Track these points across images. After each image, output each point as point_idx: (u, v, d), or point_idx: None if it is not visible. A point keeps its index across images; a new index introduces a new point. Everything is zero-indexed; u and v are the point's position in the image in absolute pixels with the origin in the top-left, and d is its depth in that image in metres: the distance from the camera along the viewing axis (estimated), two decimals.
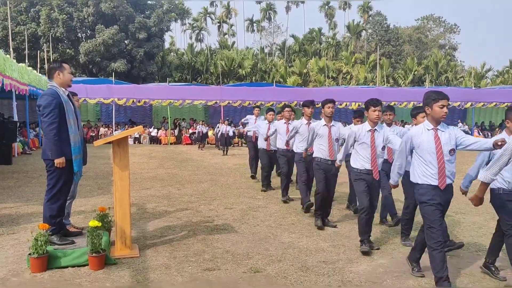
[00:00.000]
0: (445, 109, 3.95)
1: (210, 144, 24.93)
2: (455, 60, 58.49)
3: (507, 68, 52.73)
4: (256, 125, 10.65)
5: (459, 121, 30.58)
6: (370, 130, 5.20)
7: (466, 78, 48.79)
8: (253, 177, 11.08)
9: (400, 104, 26.56)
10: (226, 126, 20.27)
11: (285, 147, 8.37)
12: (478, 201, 3.84)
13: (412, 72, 48.73)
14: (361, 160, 5.20)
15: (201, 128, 23.75)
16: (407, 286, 4.06)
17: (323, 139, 6.32)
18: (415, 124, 5.37)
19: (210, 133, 25.41)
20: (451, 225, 6.22)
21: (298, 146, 7.48)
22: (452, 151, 3.99)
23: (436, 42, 61.24)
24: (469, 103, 28.08)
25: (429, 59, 51.89)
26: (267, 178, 9.53)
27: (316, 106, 7.66)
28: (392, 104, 27.81)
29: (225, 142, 19.55)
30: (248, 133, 12.45)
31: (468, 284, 4.14)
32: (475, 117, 30.75)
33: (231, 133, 20.48)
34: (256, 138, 10.68)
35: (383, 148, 5.27)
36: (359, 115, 6.98)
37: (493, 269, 4.30)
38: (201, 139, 22.93)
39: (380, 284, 4.09)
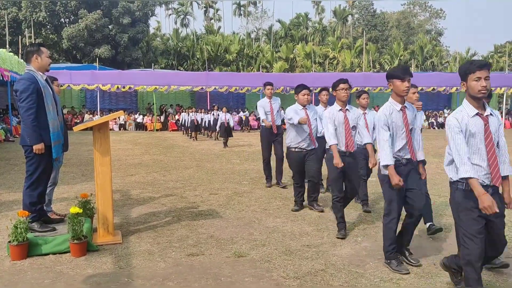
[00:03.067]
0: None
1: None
2: (441, 45, 58.77)
3: (492, 53, 53.17)
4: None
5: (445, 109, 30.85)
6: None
7: (451, 63, 49.12)
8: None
9: (387, 89, 26.66)
10: (226, 113, 17.51)
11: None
12: None
13: (398, 57, 48.87)
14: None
15: (194, 116, 20.78)
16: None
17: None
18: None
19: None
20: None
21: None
22: None
23: (423, 27, 61.39)
24: (454, 88, 28.32)
25: (415, 44, 52.07)
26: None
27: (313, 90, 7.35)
28: (378, 89, 28.05)
29: (225, 132, 16.98)
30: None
31: None
32: (460, 102, 30.94)
33: (231, 123, 17.90)
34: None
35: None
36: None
37: None
38: (195, 128, 20.61)
39: (363, 267, 4.12)
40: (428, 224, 5.08)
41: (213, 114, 20.62)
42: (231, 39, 49.97)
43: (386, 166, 3.89)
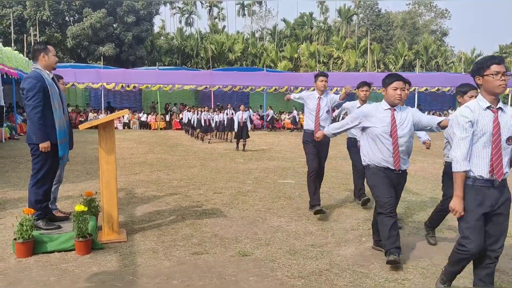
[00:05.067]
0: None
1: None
2: (445, 46, 58.60)
3: (497, 53, 52.94)
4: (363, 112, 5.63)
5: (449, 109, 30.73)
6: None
7: (456, 64, 48.97)
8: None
9: None
10: (243, 112, 15.22)
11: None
12: None
13: (403, 57, 48.75)
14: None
15: (207, 116, 18.62)
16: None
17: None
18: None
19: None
20: None
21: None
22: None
23: (428, 27, 61.21)
24: None
25: (419, 44, 51.93)
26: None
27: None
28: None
29: (240, 134, 14.83)
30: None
31: None
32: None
33: (249, 124, 15.48)
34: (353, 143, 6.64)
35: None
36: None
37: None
38: (207, 129, 18.34)
39: (367, 267, 4.11)
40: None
41: (226, 114, 18.47)
42: (235, 38, 49.98)
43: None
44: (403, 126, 4.16)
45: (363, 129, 4.35)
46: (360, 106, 6.14)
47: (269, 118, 27.95)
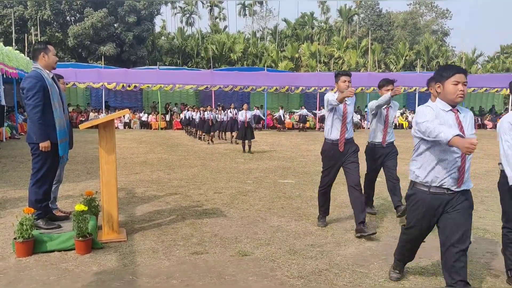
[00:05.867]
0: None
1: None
2: (446, 46, 58.58)
3: (498, 54, 52.95)
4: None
5: None
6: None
7: (457, 64, 48.93)
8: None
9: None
10: (246, 111, 14.29)
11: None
12: None
13: (404, 57, 48.73)
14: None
15: (210, 115, 17.92)
16: None
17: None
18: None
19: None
20: None
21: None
22: None
23: (429, 27, 61.19)
24: None
25: (420, 44, 51.92)
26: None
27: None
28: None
29: (245, 134, 14.02)
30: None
31: None
32: (465, 102, 30.96)
33: (253, 123, 14.47)
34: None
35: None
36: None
37: None
38: (209, 129, 17.74)
39: (367, 267, 4.11)
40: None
41: (230, 113, 18.15)
42: (236, 37, 49.99)
43: None
44: (468, 133, 3.23)
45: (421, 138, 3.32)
46: (385, 107, 5.87)
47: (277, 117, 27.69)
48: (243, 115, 14.18)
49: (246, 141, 13.96)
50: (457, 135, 2.90)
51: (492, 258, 4.38)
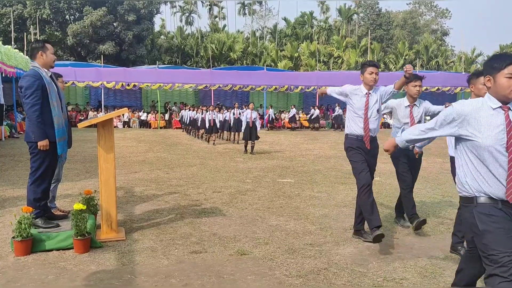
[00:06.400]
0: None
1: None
2: (446, 45, 58.60)
3: (497, 53, 52.95)
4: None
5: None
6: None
7: (457, 63, 48.96)
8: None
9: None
10: (252, 111, 13.79)
11: None
12: None
13: (403, 57, 48.75)
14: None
15: (212, 115, 17.34)
16: (393, 268, 4.08)
17: None
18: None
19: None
20: None
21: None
22: None
23: (428, 27, 61.20)
24: (459, 88, 28.22)
25: (420, 44, 51.95)
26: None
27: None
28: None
29: (249, 135, 13.56)
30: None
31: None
32: None
33: (258, 124, 13.93)
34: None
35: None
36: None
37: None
38: (212, 129, 17.26)
39: (366, 266, 4.11)
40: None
41: (233, 113, 17.66)
42: (235, 37, 49.98)
43: None
44: None
45: (458, 139, 2.84)
46: (409, 105, 5.26)
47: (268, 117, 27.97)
48: (248, 115, 13.65)
49: (249, 142, 13.62)
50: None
51: None
